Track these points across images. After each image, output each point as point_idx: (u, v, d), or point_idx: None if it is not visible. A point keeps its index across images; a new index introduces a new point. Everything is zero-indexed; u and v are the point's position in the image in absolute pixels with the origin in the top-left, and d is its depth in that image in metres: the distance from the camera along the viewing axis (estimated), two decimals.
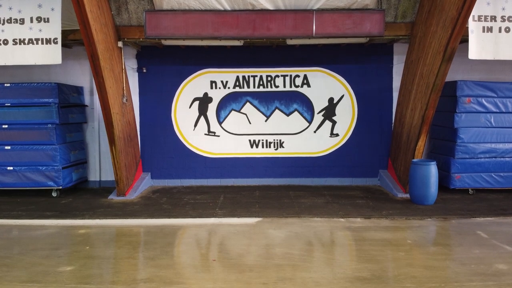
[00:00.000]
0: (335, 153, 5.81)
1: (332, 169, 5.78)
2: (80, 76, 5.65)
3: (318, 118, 5.79)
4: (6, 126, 5.07)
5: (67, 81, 5.46)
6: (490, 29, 4.22)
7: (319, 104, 5.77)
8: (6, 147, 5.05)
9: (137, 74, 5.68)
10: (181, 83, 5.76)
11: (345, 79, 5.73)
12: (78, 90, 5.61)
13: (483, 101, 5.05)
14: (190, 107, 5.78)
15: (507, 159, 5.12)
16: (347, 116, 5.79)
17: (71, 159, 5.29)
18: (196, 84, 5.75)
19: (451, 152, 5.12)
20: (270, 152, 5.84)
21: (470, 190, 5.15)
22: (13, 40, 4.26)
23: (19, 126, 5.06)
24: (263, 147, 5.84)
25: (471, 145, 5.06)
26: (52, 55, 4.24)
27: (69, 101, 5.31)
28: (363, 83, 5.70)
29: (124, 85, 5.11)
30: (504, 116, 5.10)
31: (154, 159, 5.74)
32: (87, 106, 5.74)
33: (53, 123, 5.02)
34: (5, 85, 5.08)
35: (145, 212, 4.38)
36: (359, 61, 5.66)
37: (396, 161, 5.38)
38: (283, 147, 5.84)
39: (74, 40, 4.90)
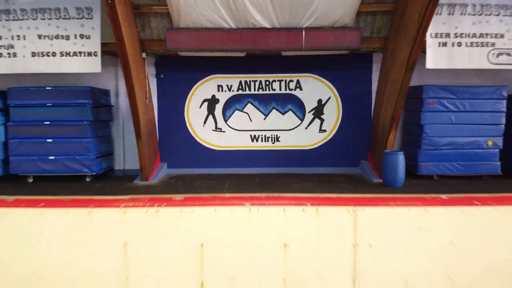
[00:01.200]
0: (323, 147, 6.82)
1: (320, 160, 6.78)
2: (107, 81, 6.65)
3: (308, 116, 6.80)
4: (48, 122, 6.07)
5: (96, 85, 6.45)
6: (444, 44, 5.23)
7: (310, 104, 6.78)
8: (48, 140, 6.04)
9: (155, 79, 6.67)
10: (192, 87, 6.77)
11: (332, 83, 6.74)
12: (106, 93, 6.61)
13: (445, 102, 6.05)
14: (200, 107, 6.78)
15: (465, 150, 6.12)
16: (333, 115, 6.79)
17: (102, 150, 6.30)
18: (205, 87, 6.76)
19: (418, 144, 6.13)
20: (268, 146, 6.84)
21: (434, 176, 6.16)
22: (60, 53, 5.27)
23: (59, 122, 6.06)
24: (262, 141, 6.85)
25: (435, 139, 6.07)
26: (93, 65, 5.25)
27: (99, 102, 6.31)
28: (347, 87, 6.71)
29: (147, 89, 6.12)
30: (463, 114, 6.10)
31: (170, 151, 6.74)
32: (113, 106, 6.75)
33: (88, 120, 6.02)
34: (47, 88, 6.08)
35: (166, 192, 5.37)
36: (343, 68, 6.66)
37: (374, 153, 6.39)
38: (279, 141, 6.84)
39: (104, 51, 5.89)
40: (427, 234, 2.14)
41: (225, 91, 6.76)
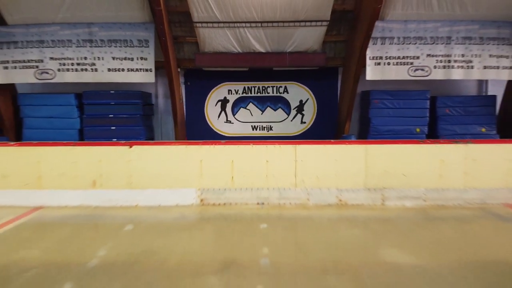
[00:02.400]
0: (304, 134, 9.57)
1: None
2: (149, 87, 9.41)
3: (293, 112, 9.56)
4: (112, 115, 8.84)
5: (143, 90, 9.21)
6: (379, 63, 8.00)
7: (294, 103, 9.54)
8: (112, 128, 8.80)
9: (184, 86, 9.45)
10: (210, 91, 9.54)
11: (310, 89, 9.51)
12: (149, 95, 9.40)
13: (386, 101, 8.81)
14: (215, 105, 9.56)
15: (400, 135, 8.83)
16: (310, 111, 9.56)
17: (147, 135, 9.06)
18: (219, 92, 9.54)
19: (368, 131, 8.87)
20: (264, 133, 9.60)
21: None
22: (127, 69, 8.06)
23: (120, 116, 8.82)
24: (259, 130, 9.61)
25: (379, 127, 8.81)
26: (148, 77, 8.03)
27: (146, 101, 9.09)
28: (320, 92, 9.47)
29: (180, 93, 8.91)
30: (398, 110, 8.83)
31: (194, 136, 9.48)
32: (153, 105, 9.53)
33: (139, 114, 8.78)
34: (110, 92, 8.86)
35: None
36: (317, 78, 9.42)
37: (338, 137, 9.15)
38: (272, 130, 9.61)
39: None
40: (332, 155, 4.82)
41: (233, 94, 9.54)
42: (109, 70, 8.08)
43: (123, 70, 8.07)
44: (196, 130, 9.50)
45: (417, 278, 2.88)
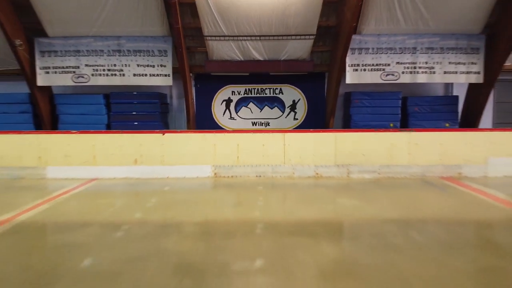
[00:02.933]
0: (296, 129, 11.29)
1: None
2: (165, 88, 11.15)
3: (287, 110, 11.30)
4: (135, 113, 10.58)
5: (159, 91, 10.94)
6: (356, 70, 9.74)
7: (288, 103, 11.28)
8: (135, 123, 10.54)
9: (194, 88, 11.19)
10: (216, 92, 11.28)
11: (301, 90, 11.24)
12: (165, 96, 11.14)
13: (364, 101, 10.55)
14: (221, 104, 11.30)
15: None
16: (302, 110, 11.30)
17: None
18: (224, 92, 11.28)
19: (349, 126, 10.59)
20: (262, 129, 11.33)
21: None
22: (150, 74, 9.81)
23: (141, 113, 10.55)
24: (258, 125, 11.35)
25: (359, 123, 10.53)
26: (167, 81, 9.78)
27: (162, 101, 10.83)
28: (311, 93, 11.20)
29: (192, 94, 10.66)
30: (375, 108, 10.57)
31: None
32: (168, 104, 11.27)
33: (157, 111, 10.52)
34: (134, 93, 10.61)
35: None
36: (308, 81, 11.15)
37: None
38: (269, 125, 11.34)
39: None
40: (311, 141, 6.56)
41: (236, 95, 11.28)
42: (134, 75, 9.82)
43: (145, 75, 9.81)
44: (205, 126, 11.22)
45: (354, 209, 4.63)
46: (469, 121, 10.75)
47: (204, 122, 11.24)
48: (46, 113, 10.61)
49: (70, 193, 5.71)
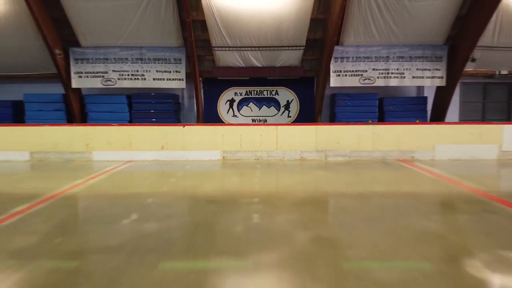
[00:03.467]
0: None
1: None
2: (177, 90, 13.13)
3: (282, 109, 13.28)
4: (152, 111, 12.57)
5: (172, 92, 12.91)
6: (339, 75, 11.73)
7: (282, 103, 13.27)
8: (153, 119, 12.52)
9: (202, 90, 13.18)
10: (221, 93, 13.26)
11: (294, 92, 13.23)
12: (177, 96, 13.12)
13: (346, 101, 12.54)
14: (225, 104, 13.28)
15: None
16: (294, 108, 13.28)
17: None
18: (228, 94, 13.26)
19: (334, 122, 12.58)
20: (261, 125, 13.30)
21: None
22: (166, 79, 11.79)
23: (158, 111, 12.54)
24: (257, 122, 13.32)
25: (342, 119, 12.49)
26: (181, 84, 11.77)
27: (175, 101, 12.82)
28: (302, 94, 13.19)
29: (200, 95, 12.64)
30: (355, 107, 12.55)
31: None
32: (180, 103, 13.25)
33: (172, 110, 12.51)
34: (151, 94, 12.58)
35: None
36: (300, 84, 13.14)
37: None
38: (266, 121, 13.32)
39: None
40: (298, 132, 8.48)
41: (238, 95, 13.25)
42: (153, 79, 11.81)
43: (163, 79, 11.80)
44: (211, 122, 13.20)
45: (325, 177, 6.62)
46: (437, 118, 12.73)
47: (210, 119, 13.22)
48: (77, 111, 12.59)
49: (112, 172, 7.65)
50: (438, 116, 12.77)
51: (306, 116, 13.20)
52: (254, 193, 5.50)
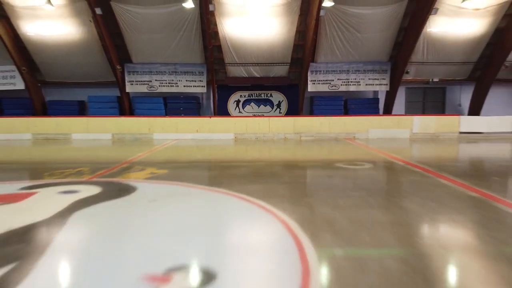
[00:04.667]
0: None
1: None
2: (199, 94, 18.18)
3: (275, 107, 18.35)
4: (181, 109, 17.63)
5: (195, 95, 17.93)
6: (314, 83, 16.79)
7: (275, 103, 18.34)
8: (181, 114, 17.57)
9: (217, 93, 18.22)
10: (230, 95, 18.32)
11: (284, 94, 18.29)
12: (198, 98, 18.18)
13: (321, 102, 17.57)
14: (233, 103, 18.34)
15: None
16: (284, 107, 18.34)
17: None
18: (235, 96, 18.32)
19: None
20: (259, 117, 18.37)
21: None
22: (193, 86, 16.85)
23: (186, 109, 17.57)
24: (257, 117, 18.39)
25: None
26: (202, 90, 16.84)
27: (197, 102, 17.88)
28: (290, 96, 18.23)
29: (216, 97, 17.72)
30: (327, 106, 17.58)
31: None
32: (200, 103, 18.32)
33: (195, 108, 17.57)
34: (181, 96, 17.62)
35: None
36: (288, 89, 18.18)
37: None
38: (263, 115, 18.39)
39: None
40: (282, 121, 13.44)
41: (243, 97, 18.29)
42: (183, 86, 16.87)
43: (190, 86, 16.86)
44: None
45: (297, 147, 11.67)
46: (386, 113, 17.76)
47: (222, 114, 18.24)
48: (127, 108, 17.63)
49: (165, 146, 12.69)
50: (387, 111, 17.81)
51: (293, 112, 18.23)
52: (254, 155, 10.54)
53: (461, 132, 13.84)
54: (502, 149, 10.67)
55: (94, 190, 4.83)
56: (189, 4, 13.50)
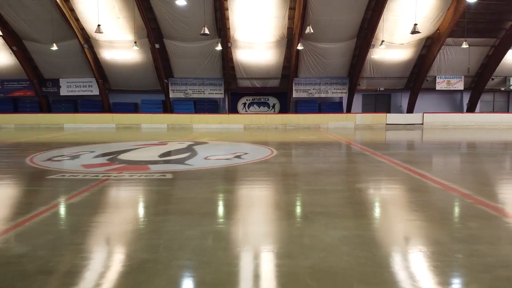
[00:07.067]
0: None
1: None
2: (217, 99, 26.01)
3: (271, 108, 26.20)
4: (206, 109, 25.46)
5: (215, 99, 25.72)
6: (297, 92, 24.65)
7: (271, 104, 26.20)
8: (206, 112, 25.41)
9: (230, 98, 26.06)
10: (239, 99, 26.18)
11: (277, 99, 26.15)
12: (217, 101, 26.04)
13: (303, 105, 25.40)
14: (241, 105, 26.21)
15: None
16: (278, 108, 26.20)
17: None
18: (242, 100, 26.19)
19: None
20: (259, 113, 26.23)
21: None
22: (214, 93, 24.73)
23: (209, 109, 25.42)
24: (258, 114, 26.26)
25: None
26: (221, 96, 24.72)
27: (216, 104, 25.73)
28: (281, 100, 26.07)
29: (230, 101, 25.60)
30: (307, 109, 25.40)
31: None
32: (219, 105, 26.19)
33: (215, 108, 25.42)
34: (205, 100, 25.46)
35: None
36: (280, 95, 26.01)
37: None
38: (262, 113, 26.26)
39: None
40: (275, 117, 21.11)
41: (248, 101, 26.13)
42: (208, 93, 24.78)
43: (212, 93, 24.74)
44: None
45: (284, 133, 19.54)
46: (344, 113, 25.63)
47: (234, 112, 26.11)
48: (169, 109, 25.50)
49: (201, 132, 20.54)
50: (348, 111, 25.63)
51: (283, 111, 26.02)
52: (260, 135, 18.37)
53: (387, 124, 21.67)
54: (409, 134, 18.50)
55: (189, 143, 12.71)
56: (218, 47, 21.33)
